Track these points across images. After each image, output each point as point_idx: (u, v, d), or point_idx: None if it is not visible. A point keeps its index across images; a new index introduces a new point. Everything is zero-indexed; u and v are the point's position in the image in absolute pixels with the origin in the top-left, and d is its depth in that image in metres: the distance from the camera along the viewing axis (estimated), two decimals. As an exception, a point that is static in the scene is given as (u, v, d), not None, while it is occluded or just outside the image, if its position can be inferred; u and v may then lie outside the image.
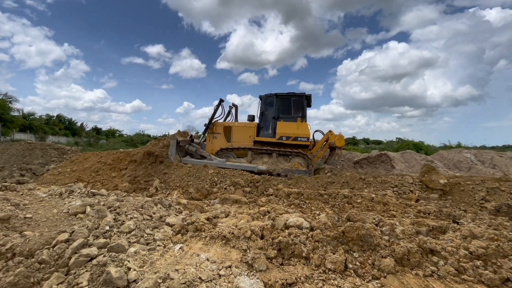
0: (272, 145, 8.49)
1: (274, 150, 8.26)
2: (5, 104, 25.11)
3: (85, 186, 6.07)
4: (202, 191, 5.74)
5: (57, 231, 2.28)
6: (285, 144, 8.40)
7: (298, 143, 8.31)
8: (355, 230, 2.42)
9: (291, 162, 8.12)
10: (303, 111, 8.63)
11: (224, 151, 8.73)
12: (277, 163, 8.05)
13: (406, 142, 18.11)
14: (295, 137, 8.29)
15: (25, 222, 3.92)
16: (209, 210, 3.93)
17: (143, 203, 3.14)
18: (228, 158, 8.60)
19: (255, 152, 8.47)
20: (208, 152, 8.90)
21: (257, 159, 8.41)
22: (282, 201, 4.61)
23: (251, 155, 8.41)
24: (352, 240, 2.43)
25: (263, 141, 8.69)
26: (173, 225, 2.77)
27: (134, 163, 7.33)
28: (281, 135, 8.37)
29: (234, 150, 8.71)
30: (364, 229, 2.42)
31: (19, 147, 8.30)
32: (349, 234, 2.44)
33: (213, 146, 9.03)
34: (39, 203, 5.15)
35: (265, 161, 8.25)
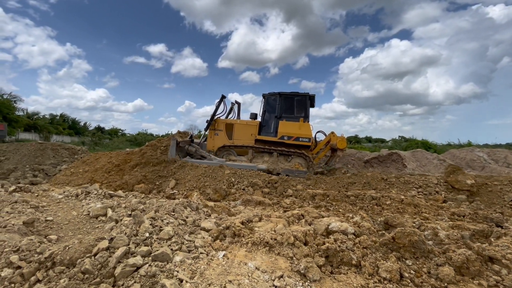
0: (273, 144, 8.43)
1: (275, 150, 8.20)
2: (10, 104, 25.11)
3: (101, 187, 5.97)
4: (220, 192, 5.63)
5: (96, 238, 2.17)
6: (286, 144, 8.33)
7: (300, 143, 8.23)
8: (406, 236, 2.30)
9: (291, 162, 8.05)
10: (306, 111, 8.55)
11: (225, 148, 8.71)
12: (278, 163, 8.01)
13: (415, 140, 17.92)
14: (296, 137, 8.22)
15: (47, 225, 3.83)
16: (235, 213, 3.82)
17: (174, 206, 3.03)
18: (229, 155, 8.57)
19: (256, 150, 8.42)
20: (209, 148, 8.95)
21: (258, 158, 8.37)
22: (307, 203, 4.49)
23: (251, 154, 8.38)
24: (403, 246, 2.30)
25: (264, 140, 8.62)
26: (209, 230, 2.65)
27: (146, 164, 7.24)
28: (283, 135, 8.29)
29: (235, 148, 8.66)
30: (417, 235, 2.29)
31: (30, 147, 8.21)
32: (400, 240, 2.31)
33: (214, 143, 8.99)
34: (57, 205, 5.06)
35: (266, 160, 8.20)
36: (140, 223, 2.37)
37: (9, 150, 8.18)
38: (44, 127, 32.17)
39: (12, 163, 7.51)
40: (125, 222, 2.63)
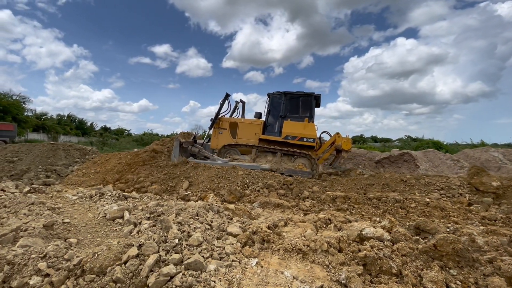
0: (277, 144, 8.32)
1: (279, 149, 8.09)
2: (20, 104, 25.42)
3: (114, 189, 5.93)
4: (235, 193, 5.53)
5: (124, 244, 2.08)
6: (291, 144, 8.21)
7: (304, 143, 8.11)
8: (450, 243, 2.16)
9: (295, 162, 7.99)
10: (311, 111, 8.42)
11: (228, 147, 8.63)
12: (281, 163, 7.91)
13: (425, 140, 17.59)
14: (301, 137, 8.11)
15: (65, 228, 3.78)
16: (255, 216, 3.72)
17: (197, 210, 2.94)
18: (232, 154, 8.52)
19: (259, 150, 8.32)
20: (213, 147, 8.90)
21: (261, 157, 8.28)
22: (328, 206, 4.37)
23: (255, 153, 8.29)
24: (446, 255, 2.17)
25: (268, 139, 8.51)
26: (236, 235, 2.55)
27: (158, 166, 7.19)
28: (287, 135, 8.19)
29: (238, 147, 8.58)
30: (461, 243, 2.16)
31: (42, 148, 8.23)
32: (442, 248, 2.18)
33: (218, 142, 8.90)
34: (72, 206, 5.03)
35: (269, 160, 8.10)
36: (167, 229, 2.28)
37: (21, 151, 8.21)
38: (52, 128, 32.56)
39: (25, 163, 7.53)
40: (152, 227, 2.53)
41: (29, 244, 2.40)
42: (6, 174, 7.10)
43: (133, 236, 3.42)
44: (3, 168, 7.37)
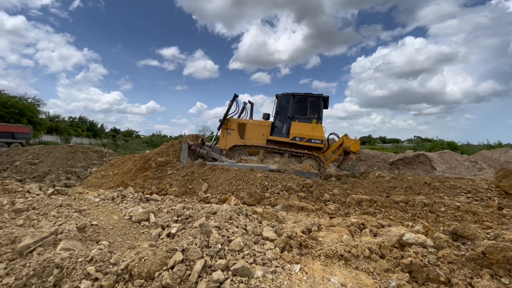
0: (285, 145, 8.35)
1: (287, 150, 8.11)
2: (34, 107, 26.08)
3: (136, 191, 6.00)
4: (255, 196, 5.52)
5: (168, 249, 2.08)
6: (298, 145, 8.25)
7: (312, 144, 8.13)
8: (500, 251, 2.09)
9: (302, 164, 7.94)
10: (319, 112, 8.43)
11: (236, 148, 8.70)
12: (289, 164, 7.92)
13: (440, 141, 17.21)
14: (309, 139, 8.14)
15: (94, 230, 3.84)
16: (283, 220, 3.69)
17: (230, 213, 2.93)
18: (240, 155, 8.58)
19: (267, 150, 8.38)
20: (221, 147, 9.01)
21: (269, 158, 8.33)
22: (353, 209, 4.30)
23: (263, 154, 8.33)
24: (496, 263, 2.10)
25: (276, 140, 8.56)
26: (273, 240, 2.53)
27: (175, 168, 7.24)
28: (295, 136, 8.23)
29: (246, 148, 8.65)
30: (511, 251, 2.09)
31: (62, 150, 8.41)
32: (492, 256, 2.11)
33: (226, 142, 8.99)
34: (96, 208, 5.10)
35: (277, 161, 8.13)
36: (208, 233, 2.28)
37: (41, 153, 8.41)
38: (64, 130, 33.29)
39: (46, 165, 7.70)
40: (181, 230, 2.53)
41: (70, 247, 2.44)
42: (29, 176, 7.28)
43: (162, 239, 3.45)
44: (26, 170, 7.56)
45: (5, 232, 3.42)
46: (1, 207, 4.31)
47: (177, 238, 2.66)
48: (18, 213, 4.37)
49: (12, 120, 22.82)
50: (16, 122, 22.62)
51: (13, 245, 3.10)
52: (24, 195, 5.62)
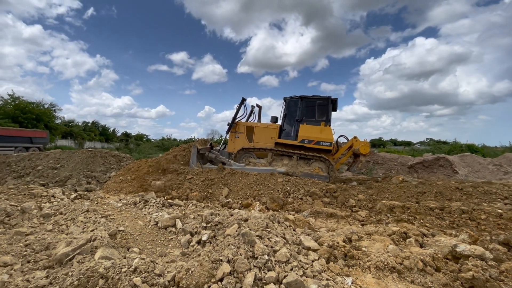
0: (294, 147, 8.29)
1: (295, 153, 8.04)
2: (51, 113, 26.83)
3: (158, 196, 5.99)
4: (278, 201, 5.41)
5: (213, 259, 2.00)
6: (307, 148, 8.18)
7: (320, 147, 8.05)
8: None
9: (311, 166, 7.93)
10: (327, 115, 8.35)
11: (245, 151, 8.68)
12: (297, 166, 7.86)
13: (459, 144, 16.65)
14: (317, 141, 8.06)
15: (122, 236, 3.80)
16: (315, 227, 3.57)
17: (266, 221, 2.83)
18: (248, 158, 8.57)
19: (275, 153, 8.32)
20: (230, 151, 9.05)
21: (277, 161, 8.26)
22: (385, 216, 4.13)
23: (271, 156, 8.28)
24: None
25: (284, 143, 8.53)
26: (315, 250, 2.42)
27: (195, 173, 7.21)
28: (303, 138, 8.18)
29: (254, 150, 8.62)
30: None
31: (81, 154, 8.53)
32: None
33: (235, 145, 9.01)
34: (120, 214, 5.10)
35: (285, 164, 8.06)
36: (251, 243, 2.19)
37: (62, 158, 8.56)
38: (78, 134, 34.11)
39: (67, 170, 7.82)
40: (212, 238, 2.45)
41: (109, 256, 2.40)
42: (51, 180, 7.40)
43: (193, 246, 3.39)
44: (48, 174, 7.69)
45: (37, 237, 3.43)
46: (30, 212, 4.35)
47: (210, 246, 2.59)
48: (46, 218, 4.41)
49: (29, 125, 23.52)
50: (34, 127, 23.31)
51: (47, 251, 3.10)
52: (49, 200, 5.69)
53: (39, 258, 2.90)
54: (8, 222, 3.94)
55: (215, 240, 3.23)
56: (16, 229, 3.72)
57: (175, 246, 3.51)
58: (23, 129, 19.59)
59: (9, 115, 22.90)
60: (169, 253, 3.24)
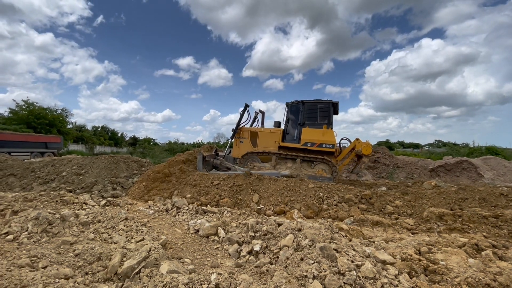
0: (297, 151, 8.52)
1: (298, 156, 8.24)
2: (63, 118, 27.21)
3: (189, 202, 5.92)
4: (313, 208, 5.29)
5: (298, 275, 1.90)
6: (310, 150, 8.42)
7: (323, 149, 8.29)
8: None
9: (315, 169, 8.01)
10: (329, 118, 8.58)
11: (249, 155, 8.93)
12: (301, 169, 7.99)
13: (478, 147, 16.26)
14: (320, 144, 8.30)
15: (167, 246, 3.73)
16: (369, 237, 3.44)
17: (327, 232, 2.72)
18: (253, 162, 8.78)
19: (279, 157, 8.52)
20: (235, 156, 9.33)
21: (281, 164, 8.44)
22: (435, 224, 3.98)
23: (275, 160, 8.48)
24: None
25: (288, 147, 8.77)
26: (392, 263, 2.30)
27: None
28: (306, 141, 8.42)
29: (259, 155, 8.87)
30: None
31: (104, 160, 8.55)
32: None
33: (239, 150, 9.27)
34: (155, 221, 5.05)
35: (289, 166, 8.20)
36: (331, 257, 2.08)
37: (85, 164, 8.59)
38: (89, 139, 34.51)
39: (92, 176, 7.83)
40: (264, 248, 2.34)
41: (175, 269, 2.31)
42: (77, 186, 7.41)
43: (244, 256, 3.29)
44: (73, 180, 7.71)
45: (84, 247, 3.37)
46: (69, 220, 4.32)
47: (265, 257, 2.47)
48: (85, 226, 4.37)
49: (43, 130, 23.86)
50: (47, 133, 23.64)
51: (100, 261, 3.03)
52: (81, 207, 5.67)
53: (95, 269, 2.84)
54: (51, 231, 3.91)
55: (269, 251, 3.13)
56: (61, 238, 3.68)
57: (224, 256, 3.41)
58: (38, 135, 19.88)
59: (24, 120, 23.29)
60: (222, 264, 3.15)
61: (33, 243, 3.58)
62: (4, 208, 4.66)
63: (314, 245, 2.31)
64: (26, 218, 4.10)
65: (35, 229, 3.87)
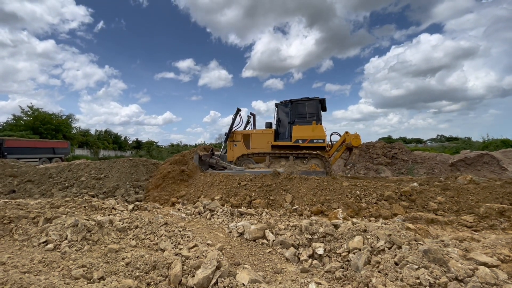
0: (289, 148, 8.76)
1: (291, 153, 8.44)
2: (69, 123, 27.05)
3: (222, 204, 5.72)
4: (353, 207, 5.09)
5: (411, 283, 1.70)
6: (302, 147, 8.64)
7: (314, 145, 8.52)
8: None
9: (308, 164, 8.14)
10: (317, 114, 8.83)
11: (243, 157, 9.11)
12: (295, 166, 8.09)
13: (493, 140, 16.02)
14: (311, 140, 8.56)
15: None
16: (433, 235, 3.23)
17: (408, 234, 2.51)
18: (247, 164, 8.87)
19: (272, 156, 8.70)
20: (229, 159, 9.50)
21: (275, 163, 8.56)
22: (497, 221, 3.76)
23: (269, 159, 8.62)
24: None
25: (280, 145, 9.03)
26: (495, 266, 2.09)
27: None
28: (297, 138, 8.68)
29: (253, 156, 9.04)
30: None
31: (123, 163, 8.35)
32: None
33: (233, 154, 9.50)
34: (190, 225, 4.86)
35: (283, 164, 8.32)
36: (440, 261, 1.87)
37: (103, 168, 8.39)
38: (93, 143, 34.34)
39: (113, 180, 7.63)
40: (328, 252, 2.14)
41: (257, 279, 2.11)
42: (99, 191, 7.21)
43: (307, 261, 3.08)
44: (94, 185, 7.51)
45: (133, 255, 3.17)
46: (106, 227, 4.13)
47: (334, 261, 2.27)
48: (123, 232, 4.18)
49: (49, 136, 23.72)
50: (53, 138, 23.47)
51: (156, 270, 2.83)
52: (111, 212, 5.48)
53: (155, 279, 2.64)
54: (90, 238, 3.72)
55: (335, 255, 2.92)
56: (106, 245, 3.49)
57: (281, 260, 3.20)
58: (46, 140, 19.72)
59: (29, 126, 23.13)
60: (284, 270, 2.94)
61: (75, 252, 3.39)
62: (36, 215, 4.46)
63: (400, 248, 2.10)
64: (63, 226, 3.90)
65: (74, 237, 3.67)
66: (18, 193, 7.62)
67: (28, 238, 3.85)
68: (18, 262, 2.90)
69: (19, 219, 4.32)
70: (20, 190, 7.73)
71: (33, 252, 3.42)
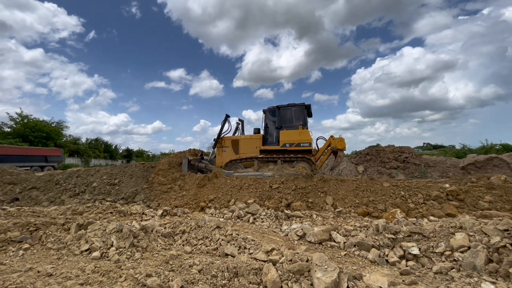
0: (277, 152, 8.88)
1: (279, 157, 8.52)
2: (59, 131, 25.86)
3: (266, 209, 5.33)
4: (402, 207, 4.87)
5: None
6: (289, 151, 8.80)
7: (301, 148, 8.70)
8: None
9: (295, 167, 8.16)
10: (304, 119, 9.05)
11: (232, 163, 9.16)
12: (282, 169, 8.17)
13: (493, 145, 16.51)
14: (297, 143, 8.72)
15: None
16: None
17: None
18: (236, 169, 8.83)
19: (261, 161, 8.78)
20: (218, 165, 9.49)
21: (264, 167, 8.64)
22: None
23: (257, 164, 8.68)
24: None
25: (268, 150, 9.15)
26: None
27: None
28: (285, 142, 8.83)
29: (241, 161, 9.11)
30: None
31: (135, 168, 7.85)
32: None
33: (222, 159, 9.52)
34: (236, 230, 4.47)
35: (271, 168, 8.40)
36: None
37: (115, 173, 7.85)
38: (84, 152, 32.93)
39: (129, 185, 7.11)
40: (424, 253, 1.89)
41: (394, 281, 1.81)
42: (116, 197, 6.68)
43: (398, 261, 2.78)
44: (109, 191, 6.97)
45: (202, 262, 2.78)
46: (151, 233, 3.71)
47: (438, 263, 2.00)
48: (169, 238, 3.80)
49: (40, 144, 22.48)
50: (43, 146, 22.25)
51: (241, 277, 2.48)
52: (142, 218, 5.02)
53: (247, 286, 2.29)
54: (139, 245, 3.28)
55: (435, 254, 2.65)
56: (158, 252, 3.08)
57: (365, 263, 2.89)
58: (39, 148, 18.63)
59: (19, 134, 21.88)
60: (376, 272, 2.63)
61: (126, 260, 2.95)
62: (65, 222, 3.96)
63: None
64: (104, 232, 3.44)
65: (122, 244, 3.22)
66: (22, 201, 6.94)
67: (65, 246, 3.37)
68: (69, 272, 2.46)
69: (46, 226, 3.81)
70: (24, 198, 7.05)
71: (78, 262, 2.95)
